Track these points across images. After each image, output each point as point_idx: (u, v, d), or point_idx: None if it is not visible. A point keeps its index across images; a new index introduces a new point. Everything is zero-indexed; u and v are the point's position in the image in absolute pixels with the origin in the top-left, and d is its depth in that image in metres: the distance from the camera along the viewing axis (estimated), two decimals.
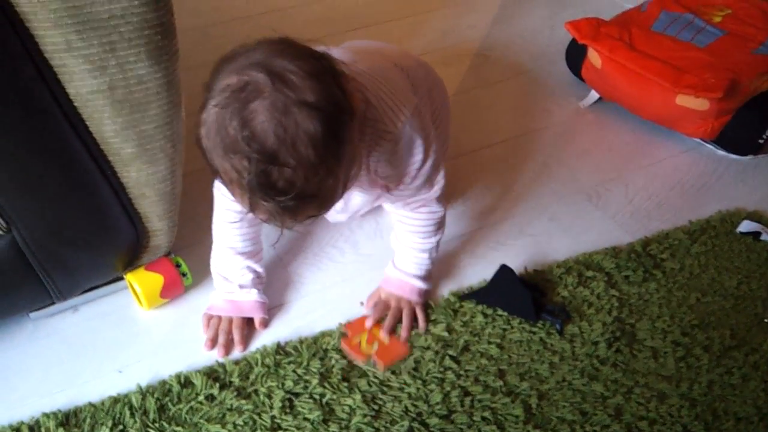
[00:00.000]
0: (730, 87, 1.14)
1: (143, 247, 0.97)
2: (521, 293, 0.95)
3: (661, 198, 1.17)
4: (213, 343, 0.94)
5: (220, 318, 0.96)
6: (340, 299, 1.00)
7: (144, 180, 0.89)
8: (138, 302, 0.98)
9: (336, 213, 0.97)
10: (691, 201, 1.17)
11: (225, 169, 0.69)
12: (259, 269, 0.99)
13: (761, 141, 1.22)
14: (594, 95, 1.37)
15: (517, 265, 1.03)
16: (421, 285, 0.98)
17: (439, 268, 1.04)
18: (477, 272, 1.04)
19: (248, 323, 0.97)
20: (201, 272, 1.03)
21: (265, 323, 0.97)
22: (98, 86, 0.78)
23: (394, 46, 1.07)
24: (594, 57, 1.30)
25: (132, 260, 0.98)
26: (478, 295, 0.98)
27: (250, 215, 0.80)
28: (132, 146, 0.84)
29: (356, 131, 0.74)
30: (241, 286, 0.97)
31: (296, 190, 0.67)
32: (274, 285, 1.02)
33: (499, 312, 0.96)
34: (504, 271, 0.99)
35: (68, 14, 0.73)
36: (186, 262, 0.99)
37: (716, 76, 1.16)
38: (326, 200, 0.73)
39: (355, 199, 0.93)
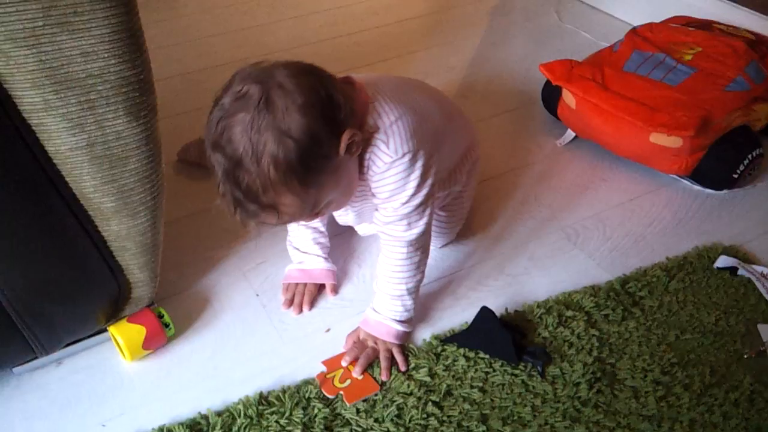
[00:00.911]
0: (701, 124, 1.17)
1: (125, 299, 0.97)
2: (502, 335, 0.96)
3: (639, 235, 1.19)
4: (289, 303, 1.07)
5: (296, 285, 1.08)
6: (323, 345, 1.00)
7: (125, 233, 0.89)
8: (121, 354, 0.98)
9: (347, 220, 1.07)
10: (668, 237, 1.18)
11: (211, 159, 0.81)
12: (326, 241, 1.11)
13: (735, 176, 1.24)
14: (570, 134, 1.39)
15: (497, 306, 1.04)
16: (398, 327, 0.99)
17: (420, 310, 1.05)
18: (458, 314, 1.04)
19: (319, 289, 1.09)
20: (184, 322, 1.03)
21: (335, 289, 1.09)
22: (77, 144, 0.79)
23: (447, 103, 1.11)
24: (568, 97, 1.33)
25: (114, 312, 0.98)
26: (459, 337, 0.99)
27: None
28: (112, 201, 0.85)
29: (343, 166, 0.84)
30: (310, 255, 1.09)
31: (254, 196, 0.79)
32: (258, 333, 1.03)
33: (481, 355, 0.97)
34: (484, 313, 0.99)
35: (46, 75, 0.75)
36: (168, 313, 1.00)
37: (688, 114, 1.18)
38: (285, 214, 0.83)
39: (366, 214, 1.03)
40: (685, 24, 1.49)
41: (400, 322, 0.99)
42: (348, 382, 0.95)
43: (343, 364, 0.97)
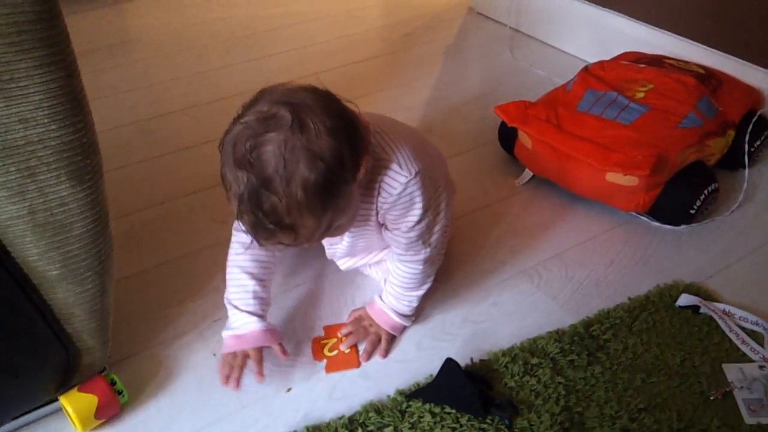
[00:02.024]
0: (656, 163, 1.18)
1: (75, 367, 0.93)
2: (468, 389, 0.94)
3: (600, 275, 1.19)
4: (225, 378, 0.98)
5: (233, 355, 0.99)
6: (285, 405, 0.97)
7: (72, 300, 0.85)
8: (73, 425, 0.94)
9: (336, 250, 1.09)
10: (630, 276, 1.18)
11: (229, 176, 0.80)
12: (265, 295, 1.03)
13: (692, 211, 1.25)
14: (528, 173, 1.39)
15: (462, 355, 1.02)
16: (396, 319, 1.06)
17: (385, 363, 1.04)
18: (423, 366, 1.02)
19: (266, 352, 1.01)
20: (138, 387, 0.99)
21: (284, 349, 1.01)
22: (17, 212, 0.76)
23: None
24: (524, 138, 1.33)
25: (64, 381, 0.93)
26: (424, 392, 0.96)
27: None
28: (57, 268, 0.82)
29: (354, 192, 0.86)
30: (244, 314, 1.00)
31: (276, 217, 0.78)
32: (215, 396, 0.99)
33: (447, 410, 0.94)
34: (449, 365, 0.97)
35: None
36: (122, 378, 0.95)
37: (642, 153, 1.19)
38: (302, 236, 0.82)
39: (359, 243, 1.05)
40: (636, 60, 1.51)
41: (402, 315, 1.07)
42: (335, 352, 1.05)
43: (339, 334, 1.06)
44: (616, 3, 1.78)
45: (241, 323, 1.00)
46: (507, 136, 1.42)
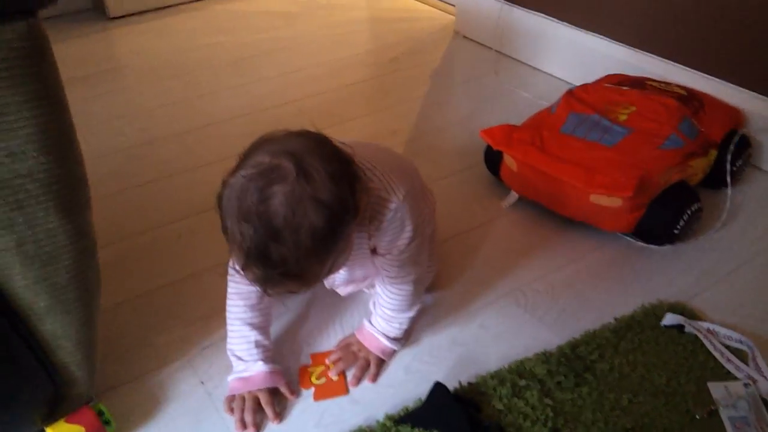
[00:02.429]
0: (639, 184, 1.19)
1: (62, 397, 0.93)
2: (457, 413, 0.94)
3: (586, 295, 1.20)
4: (242, 424, 0.98)
5: (242, 398, 1.00)
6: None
7: (60, 331, 0.86)
8: None
9: (335, 279, 1.10)
10: (615, 296, 1.19)
11: (233, 230, 0.79)
12: (267, 342, 1.05)
13: (676, 231, 1.27)
14: (514, 195, 1.41)
15: (450, 378, 1.02)
16: (386, 343, 1.07)
17: (374, 388, 1.04)
18: (411, 390, 1.02)
19: (276, 394, 1.02)
20: (126, 417, 0.99)
21: (290, 389, 1.02)
22: (5, 244, 0.76)
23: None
24: (510, 161, 1.35)
25: (51, 412, 0.93)
26: (414, 416, 0.97)
27: (259, 291, 0.97)
28: (45, 299, 0.82)
29: (353, 228, 0.86)
30: (249, 361, 1.02)
31: (285, 268, 0.78)
32: (204, 424, 0.99)
33: None
34: (438, 389, 0.98)
35: None
36: (109, 408, 0.95)
37: (625, 175, 1.21)
38: (308, 281, 0.84)
39: (357, 271, 1.07)
40: (619, 83, 1.54)
41: (391, 339, 1.08)
42: (323, 380, 1.05)
43: (327, 362, 1.07)
44: (599, 26, 1.81)
45: (248, 366, 1.02)
46: (493, 159, 1.43)
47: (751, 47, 1.47)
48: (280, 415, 0.99)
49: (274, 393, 1.02)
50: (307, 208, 0.77)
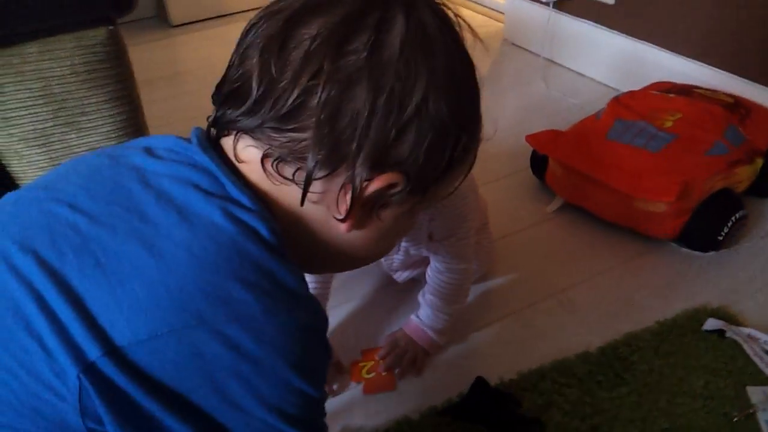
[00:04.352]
0: (683, 190, 1.21)
1: None
2: (497, 406, 0.98)
3: (628, 299, 1.22)
4: None
5: None
6: None
7: None
8: None
9: (393, 262, 1.16)
10: (658, 300, 1.21)
11: None
12: (327, 292, 1.12)
13: (720, 237, 1.28)
14: (559, 200, 1.44)
15: (493, 374, 1.06)
16: (433, 336, 1.11)
17: (419, 381, 1.09)
18: (454, 384, 1.06)
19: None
20: None
21: (342, 366, 1.10)
22: None
23: None
24: (555, 166, 1.38)
25: None
26: (455, 410, 1.01)
27: None
28: None
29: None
30: None
31: None
32: None
33: (477, 428, 0.99)
34: (479, 383, 1.02)
35: None
36: None
37: (670, 180, 1.23)
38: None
39: (413, 253, 1.11)
40: (666, 90, 1.55)
41: (437, 332, 1.11)
42: (373, 374, 1.09)
43: (376, 357, 1.11)
44: (647, 34, 1.82)
45: None
46: (538, 164, 1.47)
47: None
48: (333, 392, 1.07)
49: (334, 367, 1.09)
50: None
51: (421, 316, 1.12)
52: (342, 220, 0.54)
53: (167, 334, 0.47)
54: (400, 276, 1.22)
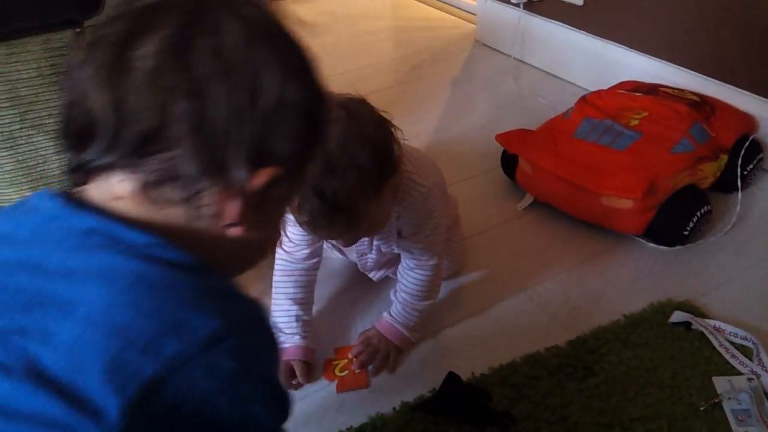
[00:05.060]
0: (649, 186, 1.24)
1: None
2: (468, 402, 1.00)
3: (597, 293, 1.24)
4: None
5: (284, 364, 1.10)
6: (295, 419, 1.03)
7: None
8: None
9: (367, 261, 1.18)
10: (625, 294, 1.24)
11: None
12: (307, 317, 1.14)
13: (686, 233, 1.31)
14: (529, 197, 1.46)
15: (464, 370, 1.08)
16: (404, 332, 1.13)
17: (392, 377, 1.10)
18: (426, 379, 1.08)
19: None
20: None
21: (305, 370, 1.10)
22: None
23: None
24: (524, 164, 1.40)
25: None
26: (428, 405, 1.02)
27: (304, 264, 1.13)
28: None
29: (391, 188, 0.95)
30: (288, 334, 1.11)
31: (335, 200, 0.85)
32: None
33: (449, 422, 1.00)
34: (451, 378, 1.03)
35: (22, 174, 0.80)
36: None
37: (636, 177, 1.26)
38: (353, 220, 0.89)
39: (385, 252, 1.15)
40: (633, 89, 1.58)
41: (409, 329, 1.13)
42: (346, 372, 1.10)
43: (349, 355, 1.12)
44: (615, 34, 1.85)
45: (284, 339, 1.12)
46: (509, 163, 1.49)
47: (763, 55, 1.51)
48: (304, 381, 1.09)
49: (308, 367, 1.11)
50: (356, 147, 0.85)
51: (393, 314, 1.14)
52: (234, 225, 0.53)
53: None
54: (376, 275, 1.23)
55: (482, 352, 1.13)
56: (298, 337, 1.12)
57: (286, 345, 1.11)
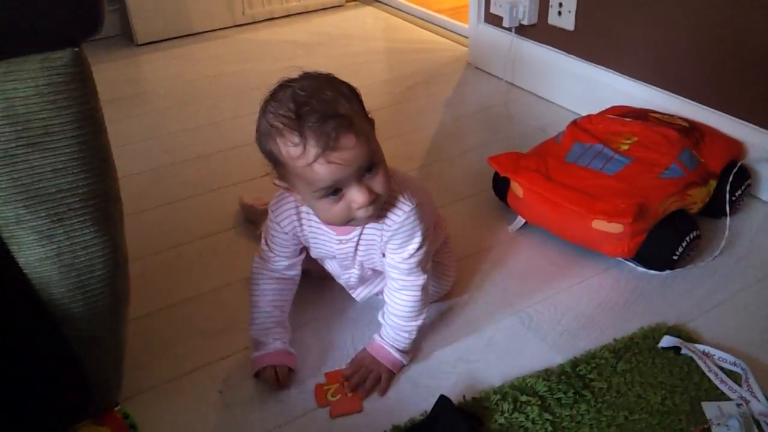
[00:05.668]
0: (639, 211, 1.25)
1: (91, 399, 0.99)
2: (460, 426, 1.00)
3: (588, 317, 1.25)
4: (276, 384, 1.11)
5: (263, 371, 1.12)
6: None
7: (91, 337, 0.92)
8: None
9: (350, 277, 1.18)
10: (615, 318, 1.24)
11: (285, 111, 0.92)
12: (287, 324, 1.16)
13: (675, 257, 1.32)
14: (521, 220, 1.47)
15: (455, 393, 1.08)
16: (396, 355, 1.13)
17: (383, 400, 1.09)
18: (417, 403, 1.08)
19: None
20: (148, 423, 1.05)
21: (284, 376, 1.11)
22: (46, 254, 0.83)
23: None
24: (516, 187, 1.42)
25: (80, 414, 0.99)
26: (419, 428, 1.02)
27: (289, 270, 1.15)
28: (80, 307, 0.88)
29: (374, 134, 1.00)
30: (270, 340, 1.13)
31: (336, 109, 0.91)
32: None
33: None
34: (442, 402, 1.03)
35: (18, 191, 0.79)
36: (133, 413, 1.02)
37: (626, 202, 1.27)
38: (359, 132, 0.92)
39: (368, 270, 1.16)
40: (623, 114, 1.60)
41: (400, 351, 1.13)
42: (338, 397, 1.09)
43: (340, 379, 1.12)
44: (606, 60, 1.88)
45: (266, 344, 1.13)
46: (500, 185, 1.50)
47: (751, 82, 1.53)
48: (284, 386, 1.11)
49: (291, 373, 1.13)
50: (341, 85, 0.96)
51: (384, 336, 1.14)
52: None
53: None
54: (360, 294, 1.23)
55: (473, 375, 1.13)
56: (279, 342, 1.13)
57: (269, 350, 1.12)
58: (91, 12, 0.80)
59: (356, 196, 0.95)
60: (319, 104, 0.90)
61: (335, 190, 0.95)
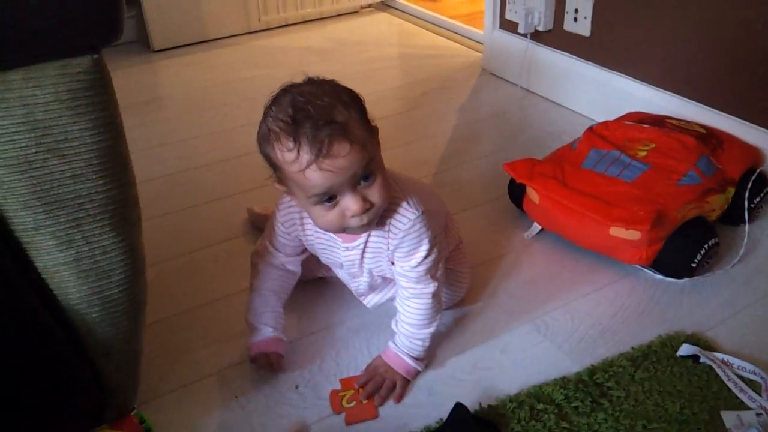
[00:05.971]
0: (656, 218, 1.24)
1: (108, 404, 0.99)
2: None
3: (605, 325, 1.24)
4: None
5: (258, 357, 1.14)
6: None
7: (108, 342, 0.92)
8: None
9: (359, 284, 1.18)
10: (633, 326, 1.23)
11: (283, 115, 0.94)
12: (284, 315, 1.18)
13: (693, 265, 1.30)
14: (536, 227, 1.46)
15: (471, 400, 1.07)
16: (410, 363, 1.12)
17: (398, 408, 1.09)
18: (433, 411, 1.07)
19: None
20: (164, 428, 1.05)
21: (276, 362, 1.14)
22: (64, 259, 0.83)
23: None
24: (532, 194, 1.41)
25: (97, 418, 1.00)
26: None
27: (289, 264, 1.17)
28: (97, 311, 0.89)
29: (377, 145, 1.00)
30: (269, 329, 1.15)
31: (331, 118, 0.91)
32: None
33: None
34: (458, 409, 1.03)
35: (37, 197, 0.80)
36: (149, 418, 1.02)
37: (644, 209, 1.26)
38: (354, 139, 0.92)
39: (377, 277, 1.16)
40: (639, 121, 1.59)
41: (414, 358, 1.13)
42: (353, 403, 1.09)
43: (355, 385, 1.12)
44: (622, 66, 1.87)
45: (257, 332, 1.16)
46: (516, 192, 1.49)
47: None
48: (278, 368, 1.15)
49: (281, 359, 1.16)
50: (341, 91, 0.96)
51: (397, 344, 1.13)
52: None
53: None
54: (370, 301, 1.23)
55: (489, 382, 1.13)
56: (271, 329, 1.15)
57: (262, 337, 1.14)
58: (110, 18, 0.80)
59: (350, 204, 0.95)
60: (316, 110, 0.91)
61: (330, 197, 0.95)
